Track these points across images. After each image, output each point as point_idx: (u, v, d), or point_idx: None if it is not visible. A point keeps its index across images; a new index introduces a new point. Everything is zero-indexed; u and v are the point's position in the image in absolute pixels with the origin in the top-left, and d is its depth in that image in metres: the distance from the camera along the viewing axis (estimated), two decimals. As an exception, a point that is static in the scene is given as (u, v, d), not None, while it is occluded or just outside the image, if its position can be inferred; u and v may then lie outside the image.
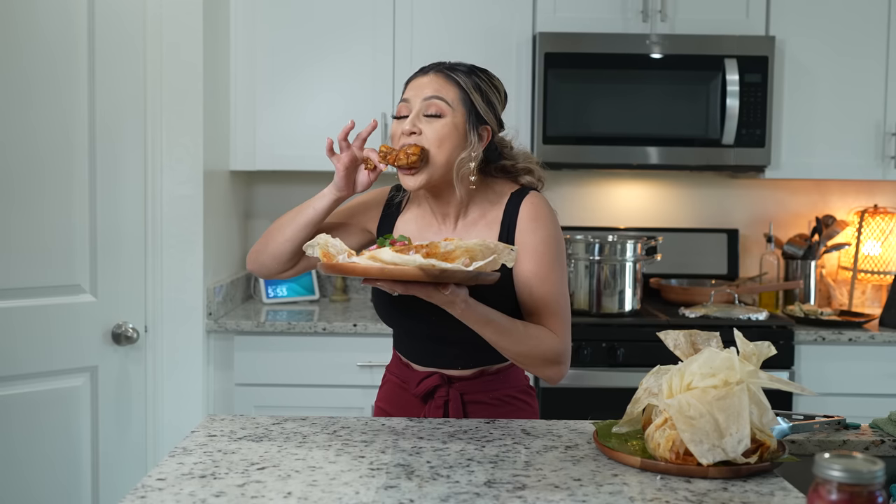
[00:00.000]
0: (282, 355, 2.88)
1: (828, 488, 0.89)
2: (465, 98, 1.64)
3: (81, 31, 2.52)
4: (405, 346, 1.80)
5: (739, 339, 1.35)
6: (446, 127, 1.62)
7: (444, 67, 1.67)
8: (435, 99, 1.62)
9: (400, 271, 1.35)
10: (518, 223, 1.67)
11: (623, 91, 3.09)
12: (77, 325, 2.56)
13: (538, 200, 1.70)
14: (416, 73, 1.71)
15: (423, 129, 1.62)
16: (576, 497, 1.20)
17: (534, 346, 1.58)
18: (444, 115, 1.62)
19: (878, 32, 3.15)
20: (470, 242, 1.41)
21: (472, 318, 1.50)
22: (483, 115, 1.66)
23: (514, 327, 1.56)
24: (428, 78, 1.66)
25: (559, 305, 1.64)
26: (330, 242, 1.46)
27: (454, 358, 1.72)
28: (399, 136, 1.64)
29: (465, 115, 1.64)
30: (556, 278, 1.65)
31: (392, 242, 1.46)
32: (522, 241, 1.65)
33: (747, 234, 3.55)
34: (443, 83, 1.64)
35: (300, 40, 3.12)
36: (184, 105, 2.74)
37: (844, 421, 1.64)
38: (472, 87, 1.65)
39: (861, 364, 2.93)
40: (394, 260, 1.36)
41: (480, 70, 1.70)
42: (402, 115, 1.65)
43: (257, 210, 3.53)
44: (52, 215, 2.49)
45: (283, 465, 1.33)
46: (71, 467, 2.57)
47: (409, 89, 1.67)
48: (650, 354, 1.89)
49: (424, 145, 1.61)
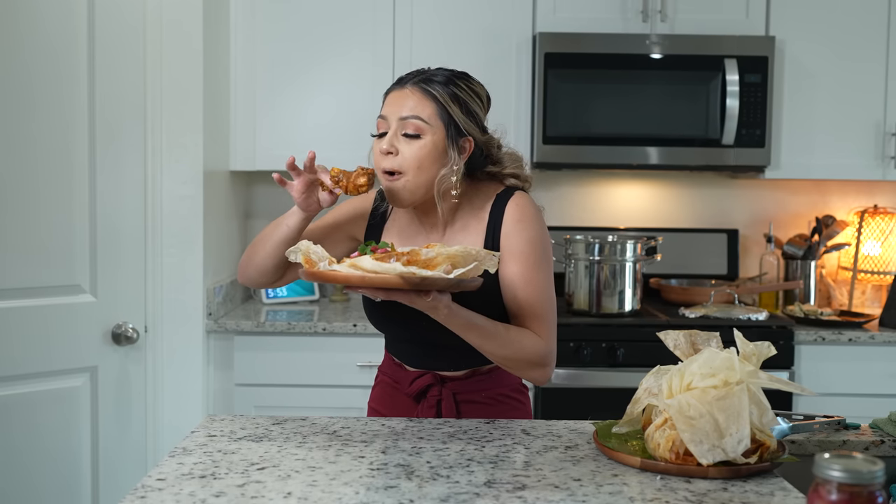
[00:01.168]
0: (282, 355, 2.88)
1: (828, 488, 0.89)
2: (442, 113, 1.61)
3: (81, 31, 2.52)
4: (396, 348, 1.80)
5: (739, 339, 1.35)
6: (425, 148, 1.59)
7: (420, 80, 1.63)
8: (412, 119, 1.59)
9: (381, 279, 1.36)
10: (503, 225, 1.65)
11: (623, 91, 3.09)
12: (77, 325, 2.56)
13: (523, 201, 1.68)
14: (395, 84, 1.67)
15: (400, 149, 1.60)
16: (576, 497, 1.20)
17: (518, 350, 1.58)
18: (422, 135, 1.60)
19: (878, 33, 3.15)
20: (452, 249, 1.41)
21: (455, 324, 1.49)
22: (463, 128, 1.63)
23: (497, 331, 1.55)
24: (405, 92, 1.63)
25: (544, 308, 1.63)
26: (311, 249, 1.46)
27: (445, 360, 1.71)
28: (378, 154, 1.62)
29: (443, 130, 1.61)
30: (540, 280, 1.64)
31: (373, 249, 1.46)
32: (507, 243, 1.64)
33: (747, 234, 3.55)
34: (419, 99, 1.61)
35: (300, 41, 3.12)
36: (184, 105, 2.74)
37: (844, 421, 1.64)
38: (450, 99, 1.62)
39: (861, 364, 2.92)
40: (374, 268, 1.36)
41: (459, 76, 1.66)
42: (381, 133, 1.64)
43: (257, 210, 3.53)
44: (52, 215, 2.49)
45: (283, 465, 1.33)
46: (71, 467, 2.57)
47: (387, 105, 1.64)
48: (650, 354, 1.89)
49: (402, 166, 1.60)
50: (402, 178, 1.60)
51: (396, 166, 1.60)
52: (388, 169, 1.61)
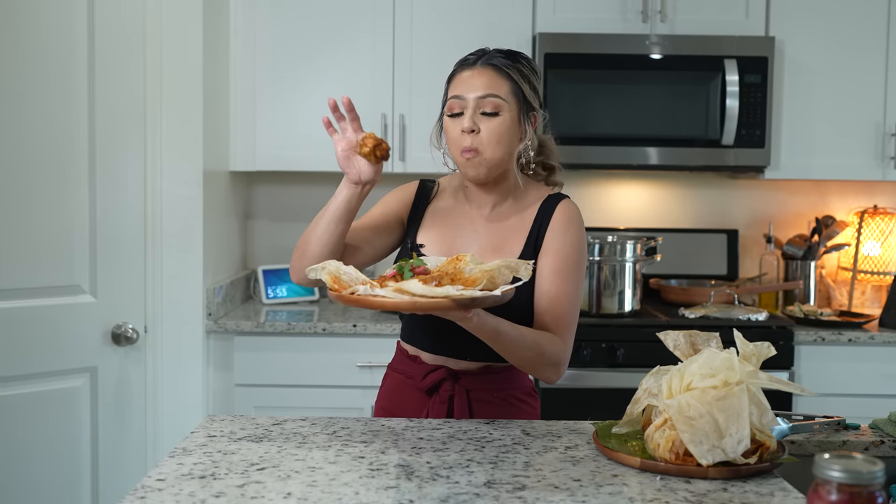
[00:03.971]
0: (282, 356, 2.88)
1: (827, 489, 0.89)
2: (516, 89, 1.68)
3: (81, 32, 2.52)
4: (414, 333, 1.78)
5: (739, 339, 1.35)
6: (504, 124, 1.66)
7: (491, 61, 1.69)
8: (490, 97, 1.66)
9: (432, 303, 1.35)
10: (551, 223, 1.71)
11: (623, 91, 3.09)
12: (77, 326, 2.56)
13: (573, 208, 1.76)
14: (460, 66, 1.72)
15: (480, 126, 1.65)
16: (575, 497, 1.20)
17: (538, 354, 1.60)
18: (500, 112, 1.66)
19: (877, 33, 3.15)
20: (491, 265, 1.42)
21: (483, 331, 1.51)
22: (532, 103, 1.71)
23: (521, 336, 1.57)
24: (477, 72, 1.68)
25: (570, 308, 1.67)
26: (343, 270, 1.42)
27: (462, 347, 1.69)
28: (458, 133, 1.66)
29: (518, 106, 1.68)
30: (573, 280, 1.69)
31: (413, 270, 1.44)
32: (552, 240, 1.70)
33: (747, 234, 3.56)
34: (494, 78, 1.67)
35: (300, 41, 3.12)
36: (184, 105, 2.74)
37: (844, 421, 1.64)
38: (521, 78, 1.69)
39: (861, 364, 2.93)
40: (424, 292, 1.35)
41: (520, 55, 1.73)
42: (456, 113, 1.68)
43: (257, 210, 3.53)
44: (52, 215, 2.50)
45: (283, 465, 1.33)
46: (71, 467, 2.57)
47: (459, 84, 1.69)
48: (650, 355, 1.89)
49: (483, 142, 1.65)
50: (483, 155, 1.66)
51: (478, 144, 1.66)
52: (470, 147, 1.66)
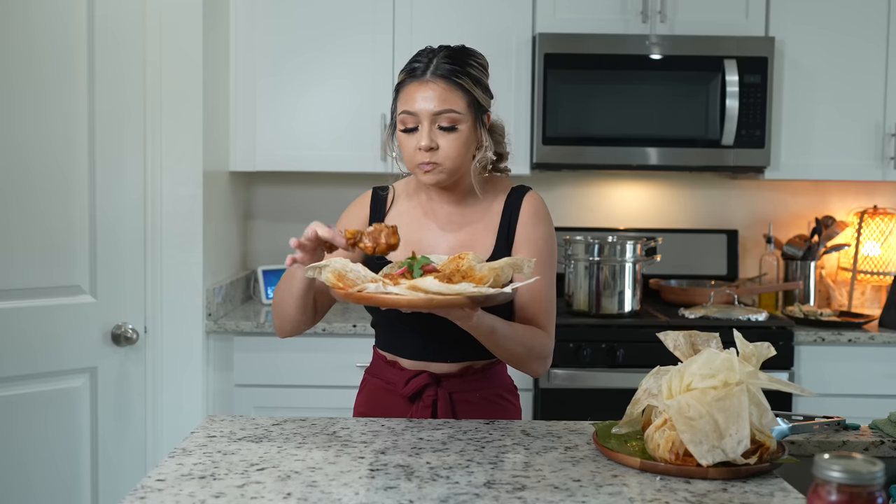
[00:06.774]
0: (281, 356, 2.88)
1: (827, 489, 0.89)
2: (472, 101, 1.65)
3: (81, 31, 2.52)
4: (394, 341, 1.75)
5: (739, 339, 1.35)
6: (462, 136, 1.64)
7: (440, 71, 1.63)
8: (446, 113, 1.62)
9: (448, 300, 1.34)
10: (520, 216, 1.71)
11: (623, 92, 3.09)
12: (77, 326, 2.56)
13: (539, 199, 1.75)
14: (409, 77, 1.65)
15: (438, 142, 1.63)
16: (575, 498, 1.20)
17: (529, 349, 1.62)
18: (457, 125, 1.63)
19: (877, 33, 3.15)
20: (498, 263, 1.44)
21: (479, 330, 1.51)
22: (484, 104, 1.68)
23: (514, 332, 1.59)
24: (428, 85, 1.62)
25: (550, 300, 1.70)
26: (349, 268, 1.40)
27: (443, 351, 1.69)
28: (414, 150, 1.63)
29: (474, 116, 1.65)
30: (549, 272, 1.71)
31: (423, 268, 1.43)
32: (524, 234, 1.70)
33: (747, 234, 3.55)
34: (447, 91, 1.62)
35: (300, 41, 3.12)
36: (184, 105, 2.74)
37: (844, 422, 1.64)
38: (474, 84, 1.65)
39: (860, 365, 2.93)
40: (440, 290, 1.33)
41: (467, 54, 1.68)
42: (410, 128, 1.64)
43: (257, 211, 3.53)
44: (52, 216, 2.49)
45: (283, 465, 1.33)
46: (71, 468, 2.57)
47: (411, 100, 1.63)
48: (650, 355, 1.89)
49: (442, 158, 1.62)
50: (442, 167, 1.64)
51: (437, 159, 1.63)
52: (429, 161, 1.63)
